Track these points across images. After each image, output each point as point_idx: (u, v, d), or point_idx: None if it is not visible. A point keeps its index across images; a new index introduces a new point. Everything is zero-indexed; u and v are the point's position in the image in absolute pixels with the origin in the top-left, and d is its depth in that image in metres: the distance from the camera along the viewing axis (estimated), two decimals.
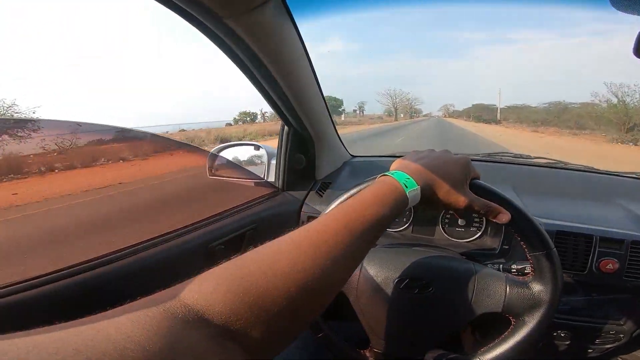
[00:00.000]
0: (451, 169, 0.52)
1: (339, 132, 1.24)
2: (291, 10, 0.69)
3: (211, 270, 0.30)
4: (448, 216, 1.01)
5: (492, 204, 0.54)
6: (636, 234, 0.85)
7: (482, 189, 0.55)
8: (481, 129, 31.87)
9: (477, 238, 0.97)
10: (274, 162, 1.08)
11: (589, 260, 0.85)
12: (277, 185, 1.10)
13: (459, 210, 0.52)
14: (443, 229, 1.01)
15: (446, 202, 0.51)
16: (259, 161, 1.11)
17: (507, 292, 0.58)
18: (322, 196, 1.09)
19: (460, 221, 0.99)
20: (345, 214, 0.41)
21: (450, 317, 0.61)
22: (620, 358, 1.26)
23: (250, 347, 0.28)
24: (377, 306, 0.63)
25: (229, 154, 1.10)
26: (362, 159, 1.39)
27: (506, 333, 0.58)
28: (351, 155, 1.38)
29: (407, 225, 1.03)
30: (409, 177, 0.48)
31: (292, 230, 0.37)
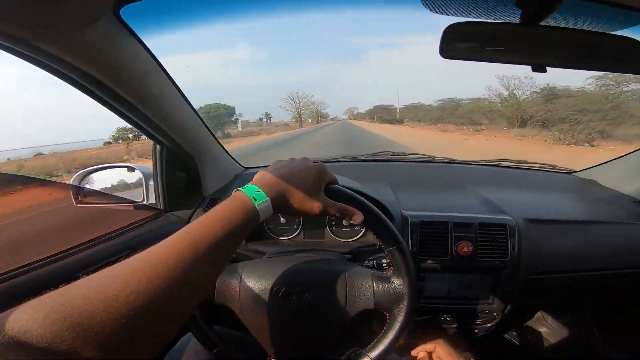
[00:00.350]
0: (304, 177, 0.54)
1: (241, 142, 1.23)
2: (139, 25, 0.66)
3: (36, 298, 0.31)
4: (334, 218, 1.06)
5: (346, 206, 0.57)
6: (481, 216, 0.97)
7: (336, 193, 0.58)
8: (387, 129, 31.94)
9: (361, 236, 1.04)
10: (152, 183, 1.02)
11: (449, 245, 0.94)
12: (158, 207, 1.04)
13: (315, 215, 0.55)
14: (331, 231, 1.06)
15: (300, 209, 0.53)
16: (136, 183, 1.04)
17: (375, 289, 0.61)
18: None
19: (344, 222, 1.05)
20: (190, 232, 0.41)
21: (330, 319, 0.63)
22: (515, 331, 1.48)
23: None
24: (261, 317, 0.63)
25: (98, 178, 1.00)
26: (255, 170, 1.39)
27: (385, 328, 0.61)
28: (243, 167, 1.38)
29: (297, 232, 1.07)
30: (259, 190, 0.49)
31: None
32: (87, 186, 1.01)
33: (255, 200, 0.48)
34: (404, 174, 1.37)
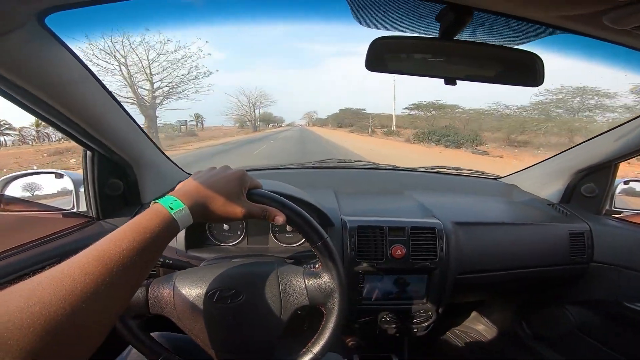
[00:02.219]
0: (224, 183, 0.56)
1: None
2: (63, 33, 0.64)
3: None
4: (277, 225, 1.07)
5: (269, 207, 0.59)
6: (413, 220, 1.03)
7: (258, 196, 0.60)
8: (361, 142, 22.68)
9: (304, 241, 1.05)
10: (83, 189, 0.97)
11: (384, 248, 0.99)
12: (90, 214, 0.99)
13: (239, 219, 0.56)
14: (274, 237, 1.07)
15: (223, 214, 0.55)
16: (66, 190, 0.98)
17: (307, 285, 0.63)
18: None
19: (288, 227, 1.06)
20: (100, 245, 0.41)
21: (269, 318, 0.63)
22: (457, 330, 1.56)
23: None
24: (199, 323, 0.62)
25: (20, 186, 0.93)
26: None
27: (322, 322, 0.62)
28: (187, 173, 1.35)
29: (241, 238, 1.06)
30: (175, 199, 0.50)
31: None
32: (9, 193, 0.93)
33: (172, 209, 0.48)
34: (348, 180, 1.42)
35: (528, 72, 0.66)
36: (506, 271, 1.10)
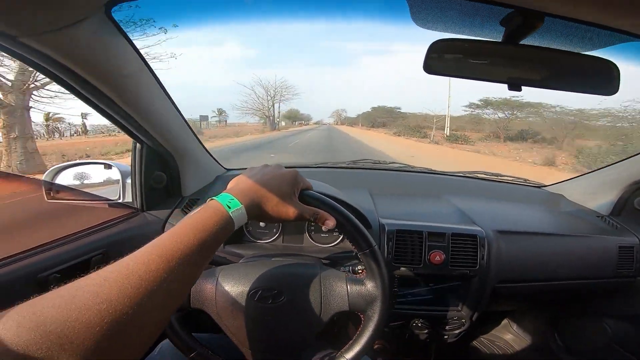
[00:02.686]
0: (278, 183, 0.55)
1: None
2: (129, 24, 0.65)
3: (11, 308, 0.31)
4: (313, 224, 1.06)
5: (320, 211, 0.58)
6: (454, 226, 1.01)
7: (310, 198, 0.59)
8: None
9: (339, 242, 1.05)
10: (129, 181, 1.00)
11: (422, 254, 0.97)
12: (135, 206, 1.02)
13: (291, 221, 0.56)
14: (310, 236, 1.07)
15: (276, 215, 0.54)
16: (112, 181, 1.01)
17: (349, 291, 0.62)
18: (187, 213, 1.04)
19: (323, 228, 1.06)
20: (163, 242, 0.41)
21: (306, 321, 0.63)
22: (484, 338, 1.53)
23: None
24: (238, 320, 0.63)
25: (71, 175, 0.97)
26: (237, 171, 1.38)
27: (359, 329, 0.62)
28: (225, 168, 1.37)
29: (277, 235, 1.07)
30: (233, 198, 0.49)
31: None
32: (60, 182, 0.97)
33: (229, 208, 0.48)
34: (383, 182, 1.40)
35: (601, 79, 0.62)
36: (547, 282, 1.07)
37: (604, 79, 0.62)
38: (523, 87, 0.63)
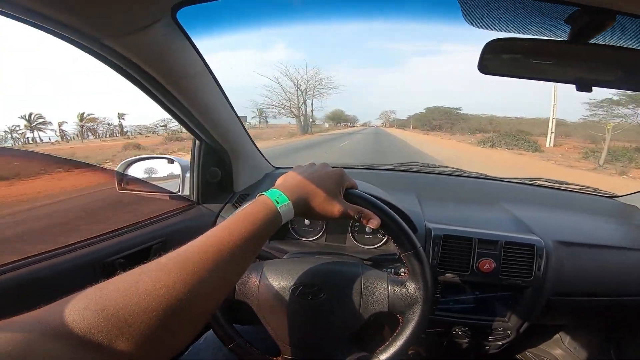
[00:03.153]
0: (325, 181, 0.56)
1: None
2: (190, 27, 0.71)
3: (78, 292, 0.33)
4: (357, 225, 1.07)
5: (365, 210, 0.58)
6: (508, 234, 0.96)
7: (355, 197, 0.60)
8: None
9: (382, 244, 1.04)
10: (189, 175, 1.08)
11: (470, 261, 0.93)
12: (192, 199, 1.09)
13: (336, 219, 0.57)
14: (353, 236, 1.07)
15: (322, 212, 0.55)
16: (174, 175, 1.10)
17: (389, 292, 0.62)
18: (237, 208, 1.10)
19: (367, 228, 1.05)
20: (216, 233, 0.43)
21: (344, 320, 0.63)
22: (529, 352, 1.43)
23: (120, 358, 0.31)
24: (278, 314, 0.65)
25: (139, 168, 1.07)
26: (285, 170, 1.42)
27: (397, 331, 0.61)
28: (274, 167, 1.42)
29: (320, 234, 1.08)
30: (281, 194, 0.51)
31: None
32: (131, 174, 1.07)
33: (278, 203, 0.50)
34: (432, 186, 1.36)
35: None
36: (610, 297, 0.98)
37: None
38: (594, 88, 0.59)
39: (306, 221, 1.09)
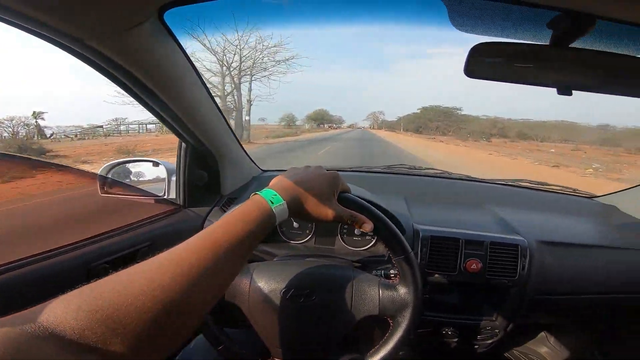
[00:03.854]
0: (319, 184, 0.56)
1: None
2: (178, 28, 0.70)
3: (70, 292, 0.32)
4: (346, 227, 1.07)
5: (358, 214, 0.59)
6: (493, 235, 0.97)
7: (348, 201, 0.60)
8: None
9: (371, 246, 1.05)
10: (174, 178, 1.06)
11: (458, 261, 0.95)
12: (178, 202, 1.07)
13: (328, 221, 0.56)
14: (342, 239, 1.07)
15: (316, 214, 0.55)
16: (160, 178, 1.08)
17: (380, 295, 0.62)
18: (225, 211, 1.09)
19: (356, 231, 1.06)
20: (211, 232, 0.43)
21: (335, 323, 0.64)
22: (516, 351, 1.46)
23: (113, 359, 0.30)
24: (268, 316, 0.64)
25: (123, 171, 1.04)
26: (272, 173, 1.41)
27: (387, 334, 0.62)
28: (261, 169, 1.41)
29: (309, 237, 1.08)
30: (276, 194, 0.51)
31: None
32: (113, 177, 1.05)
33: (272, 203, 0.49)
34: (419, 188, 1.38)
35: None
36: (595, 295, 1.01)
37: None
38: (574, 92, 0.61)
39: (295, 224, 1.08)
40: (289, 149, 16.40)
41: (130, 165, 1.06)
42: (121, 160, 1.06)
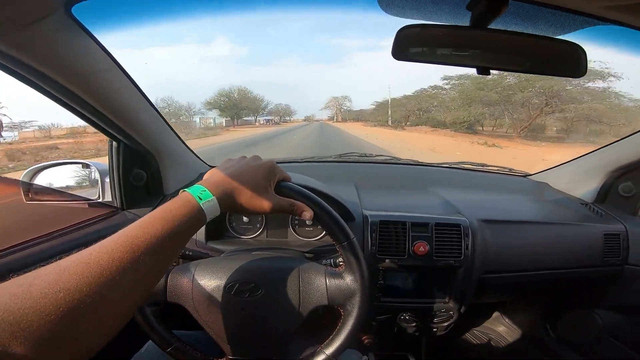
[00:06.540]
0: (253, 175, 0.54)
1: None
2: (95, 21, 0.65)
3: None
4: (297, 218, 1.06)
5: (297, 202, 0.57)
6: (437, 216, 1.00)
7: (286, 190, 0.58)
8: None
9: (324, 235, 1.05)
10: (108, 180, 0.99)
11: (406, 245, 0.96)
12: (115, 205, 1.01)
13: (266, 213, 0.55)
14: (294, 230, 1.06)
15: (250, 207, 0.53)
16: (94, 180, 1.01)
17: (327, 285, 0.62)
18: None
19: (307, 221, 1.05)
20: (128, 232, 0.41)
21: (285, 315, 0.62)
22: (476, 330, 1.53)
23: None
24: (215, 315, 0.62)
25: (49, 176, 0.96)
26: None
27: (339, 324, 0.61)
28: (209, 165, 1.36)
29: (260, 230, 1.06)
30: (205, 190, 0.49)
31: None
32: (38, 183, 0.96)
33: (200, 199, 0.48)
34: (369, 175, 1.40)
35: (569, 62, 0.62)
36: (534, 272, 1.06)
37: (572, 62, 0.62)
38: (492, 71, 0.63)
39: (245, 218, 1.06)
40: None
41: (57, 169, 0.98)
42: (46, 164, 0.97)
